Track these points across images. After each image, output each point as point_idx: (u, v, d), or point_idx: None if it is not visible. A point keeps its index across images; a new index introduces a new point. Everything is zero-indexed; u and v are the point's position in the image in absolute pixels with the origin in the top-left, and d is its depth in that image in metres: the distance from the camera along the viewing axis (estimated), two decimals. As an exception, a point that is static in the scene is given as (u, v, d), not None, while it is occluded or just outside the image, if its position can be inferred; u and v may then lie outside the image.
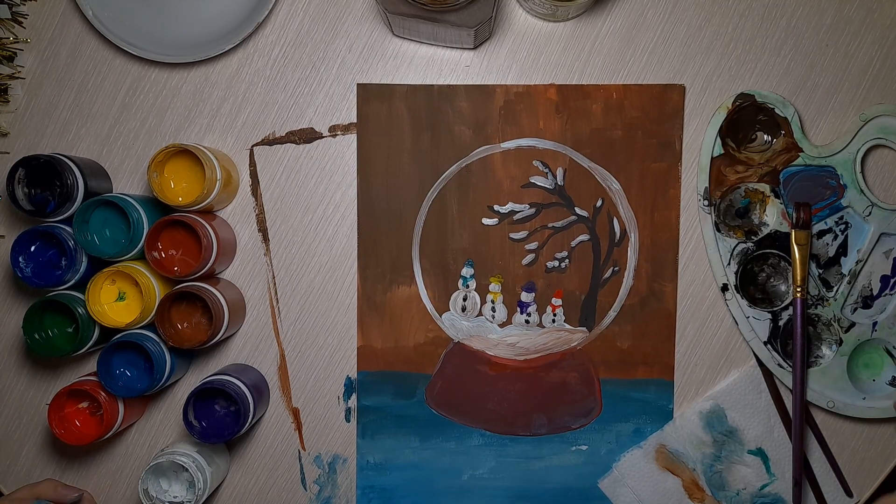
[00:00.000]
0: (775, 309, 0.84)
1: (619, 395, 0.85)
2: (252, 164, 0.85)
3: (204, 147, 0.80)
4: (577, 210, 0.84)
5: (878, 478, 0.85)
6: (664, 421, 0.85)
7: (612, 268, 0.84)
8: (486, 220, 0.84)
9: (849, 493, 0.85)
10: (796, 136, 0.82)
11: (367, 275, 0.85)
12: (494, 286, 0.85)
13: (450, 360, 0.85)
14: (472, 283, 0.85)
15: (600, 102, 0.83)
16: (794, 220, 0.82)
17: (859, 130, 0.82)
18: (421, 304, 0.85)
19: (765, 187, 0.83)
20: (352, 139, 0.85)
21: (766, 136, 0.84)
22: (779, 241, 0.83)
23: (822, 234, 0.83)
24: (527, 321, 0.85)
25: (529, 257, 0.84)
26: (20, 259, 0.78)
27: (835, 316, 0.83)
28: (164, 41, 0.83)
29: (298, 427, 0.86)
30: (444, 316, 0.85)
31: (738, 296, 0.83)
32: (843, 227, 0.83)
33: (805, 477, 0.84)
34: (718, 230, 0.83)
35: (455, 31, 0.77)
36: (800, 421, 0.82)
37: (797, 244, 0.82)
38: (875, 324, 0.83)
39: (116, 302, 0.79)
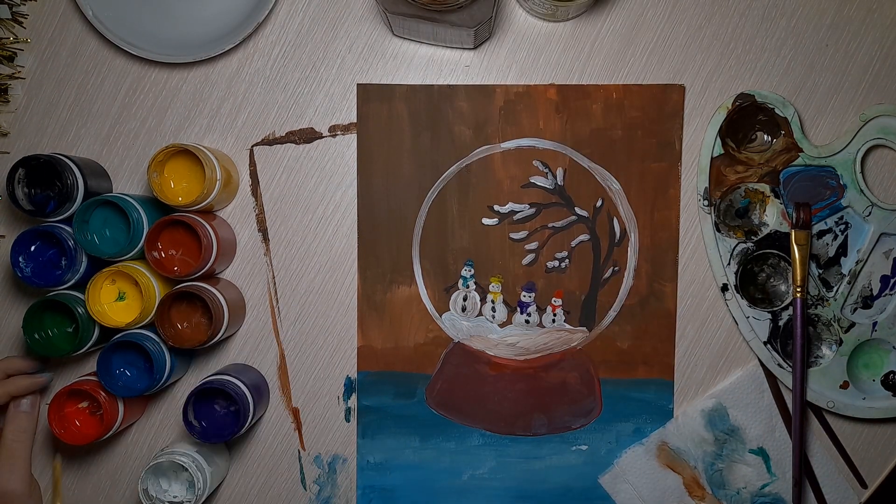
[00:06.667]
0: (775, 309, 0.84)
1: (619, 395, 0.85)
2: (252, 164, 0.85)
3: (204, 147, 0.80)
4: (577, 210, 0.84)
5: (878, 478, 0.85)
6: (664, 421, 0.85)
7: (612, 268, 0.84)
8: (486, 220, 0.84)
9: (863, 485, 0.85)
10: (796, 136, 0.82)
11: (367, 275, 0.85)
12: (494, 286, 0.85)
13: (450, 361, 0.85)
14: (472, 283, 0.85)
15: (600, 102, 0.83)
16: (794, 220, 0.82)
17: (859, 130, 0.82)
18: (421, 304, 0.85)
19: (765, 187, 0.83)
20: (352, 139, 0.85)
21: (766, 136, 0.84)
22: (779, 241, 0.83)
23: (822, 234, 0.83)
24: (527, 321, 0.85)
25: (529, 257, 0.84)
26: (20, 259, 0.78)
27: (835, 316, 0.83)
28: (164, 41, 0.83)
29: (298, 427, 0.86)
30: (444, 316, 0.85)
31: (738, 296, 0.83)
32: (843, 227, 0.83)
33: (805, 477, 0.84)
34: (718, 230, 0.83)
35: (455, 31, 0.77)
36: (799, 421, 0.82)
37: (797, 244, 0.82)
38: (875, 324, 0.83)
39: (116, 302, 0.79)
